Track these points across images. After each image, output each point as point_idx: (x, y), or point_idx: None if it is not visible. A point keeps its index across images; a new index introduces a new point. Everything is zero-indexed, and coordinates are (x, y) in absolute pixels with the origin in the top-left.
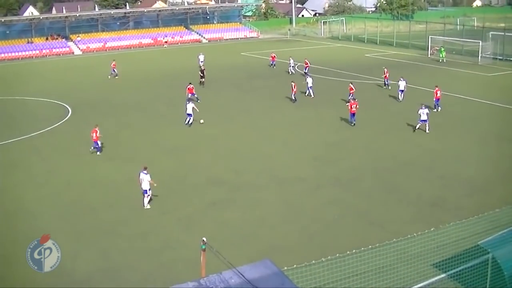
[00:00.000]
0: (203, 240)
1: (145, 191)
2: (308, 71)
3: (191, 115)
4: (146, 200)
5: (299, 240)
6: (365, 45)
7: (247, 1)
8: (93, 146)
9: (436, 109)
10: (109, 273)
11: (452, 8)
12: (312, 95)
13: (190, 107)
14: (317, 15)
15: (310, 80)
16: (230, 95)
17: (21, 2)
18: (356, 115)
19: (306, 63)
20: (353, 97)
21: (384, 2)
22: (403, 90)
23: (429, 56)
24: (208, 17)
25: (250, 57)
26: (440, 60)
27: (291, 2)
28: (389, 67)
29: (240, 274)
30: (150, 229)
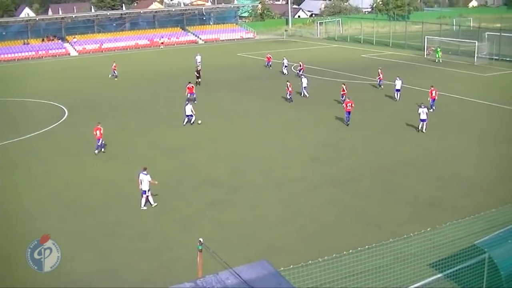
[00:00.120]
0: (199, 240)
1: (144, 191)
2: (302, 72)
3: (191, 116)
4: (144, 200)
5: (297, 241)
6: (361, 46)
7: (243, 2)
8: (97, 144)
9: (432, 109)
10: (107, 273)
11: (448, 9)
12: (307, 95)
13: (189, 108)
14: (313, 16)
15: (305, 81)
16: (227, 96)
17: (17, 3)
18: (351, 114)
19: (301, 65)
20: (345, 98)
21: (380, 3)
22: (399, 89)
23: (425, 56)
24: (204, 18)
25: (247, 58)
26: (436, 61)
27: (287, 3)
28: (386, 67)
29: (237, 275)
30: (148, 230)
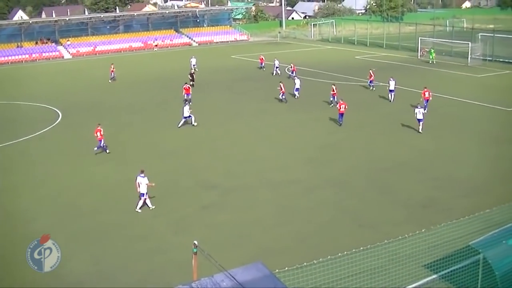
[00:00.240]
0: (194, 243)
1: (142, 194)
2: (295, 74)
3: (189, 117)
4: (141, 203)
5: (292, 242)
6: (355, 47)
7: (237, 4)
8: (97, 146)
9: (425, 111)
10: (102, 275)
11: (442, 10)
12: (297, 96)
13: (186, 109)
14: (307, 17)
15: (298, 82)
16: (222, 97)
17: (10, 6)
18: (344, 115)
19: (293, 66)
20: (336, 99)
21: (374, 4)
22: (393, 90)
23: (419, 57)
24: (198, 21)
25: (240, 60)
26: (430, 62)
27: (281, 5)
28: (380, 69)
29: (232, 277)
30: (143, 232)
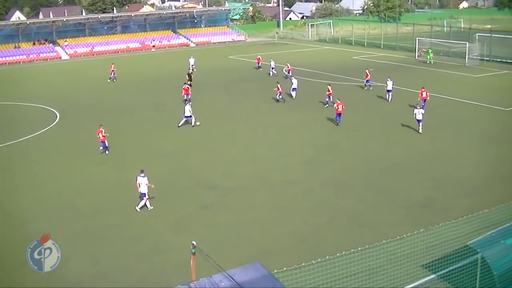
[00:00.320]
0: (192, 243)
1: (143, 194)
2: (291, 74)
3: (189, 117)
4: (142, 203)
5: (290, 243)
6: (353, 48)
7: (235, 4)
8: (103, 146)
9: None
10: (100, 276)
11: (439, 10)
12: (294, 96)
13: (187, 109)
14: (305, 18)
15: (296, 82)
16: (219, 98)
17: (7, 7)
18: (342, 115)
19: (289, 66)
20: (332, 99)
21: (371, 5)
22: (390, 90)
23: (417, 58)
24: (195, 21)
25: (238, 60)
26: (428, 62)
27: (279, 5)
28: (377, 69)
29: (230, 277)
30: (141, 233)
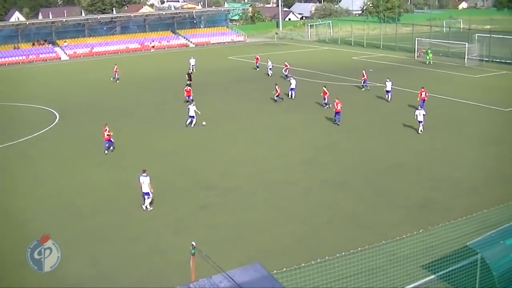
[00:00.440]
0: (192, 244)
1: (146, 193)
2: (288, 73)
3: (193, 117)
4: (148, 201)
5: (289, 244)
6: (352, 48)
7: (234, 5)
8: (111, 146)
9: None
10: (99, 277)
11: (438, 11)
12: (293, 97)
13: (192, 109)
14: (304, 18)
15: (294, 82)
16: (219, 98)
17: (7, 8)
18: (341, 115)
19: (286, 65)
20: (327, 100)
21: (370, 5)
22: (389, 90)
23: (416, 58)
24: (195, 22)
25: (237, 61)
26: (427, 62)
27: (278, 6)
28: (376, 69)
29: (230, 278)
30: (141, 234)
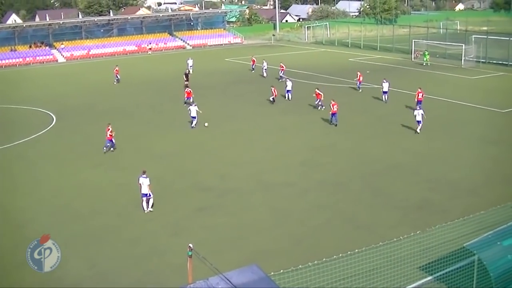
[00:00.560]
0: (189, 246)
1: (144, 194)
2: (283, 74)
3: (195, 118)
4: (150, 202)
5: (286, 245)
6: (349, 50)
7: (231, 7)
8: (111, 145)
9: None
10: (97, 279)
11: (435, 12)
12: (290, 98)
13: (194, 110)
14: (301, 20)
15: (290, 84)
16: (216, 100)
17: (3, 10)
18: (338, 117)
19: (282, 66)
20: (320, 101)
21: (367, 7)
22: (386, 91)
23: (413, 59)
24: (192, 24)
25: (235, 62)
26: (424, 64)
27: (275, 8)
28: (373, 71)
29: (227, 280)
30: (138, 235)
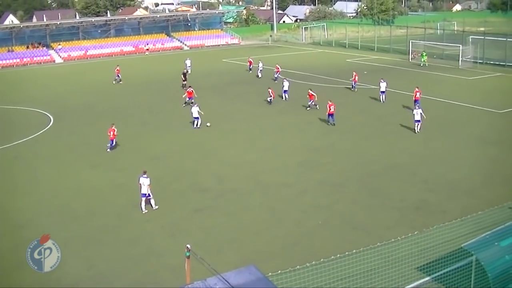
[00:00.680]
0: (187, 247)
1: (144, 194)
2: (279, 75)
3: (198, 118)
4: (152, 202)
5: (284, 246)
6: (347, 50)
7: (228, 7)
8: (111, 144)
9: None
10: (95, 280)
11: (432, 13)
12: (287, 98)
13: (195, 110)
14: (298, 21)
15: (287, 84)
16: (213, 101)
17: (1, 11)
18: (336, 117)
19: (277, 68)
20: (313, 102)
21: (364, 8)
22: (384, 91)
23: (410, 60)
24: (189, 24)
25: (232, 63)
26: (422, 65)
27: (272, 9)
28: (371, 71)
29: (225, 281)
30: (136, 236)
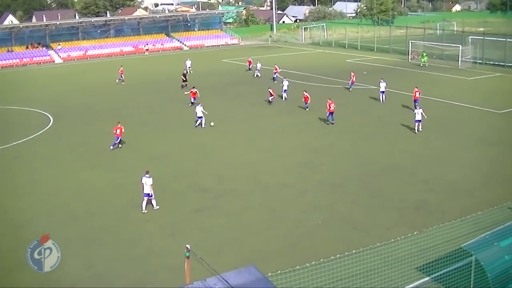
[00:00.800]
0: (187, 247)
1: (146, 194)
2: (277, 76)
3: (201, 118)
4: (154, 202)
5: (284, 246)
6: (346, 51)
7: (228, 8)
8: (115, 142)
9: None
10: (94, 280)
11: (432, 13)
12: (286, 98)
13: (199, 110)
14: (298, 21)
15: (286, 84)
16: (213, 101)
17: (0, 11)
18: (335, 118)
19: (276, 68)
20: (308, 104)
21: (364, 8)
22: (383, 91)
23: (410, 60)
24: (189, 25)
25: (232, 63)
26: (421, 65)
27: (272, 9)
28: (371, 72)
29: (225, 281)
30: (135, 236)
